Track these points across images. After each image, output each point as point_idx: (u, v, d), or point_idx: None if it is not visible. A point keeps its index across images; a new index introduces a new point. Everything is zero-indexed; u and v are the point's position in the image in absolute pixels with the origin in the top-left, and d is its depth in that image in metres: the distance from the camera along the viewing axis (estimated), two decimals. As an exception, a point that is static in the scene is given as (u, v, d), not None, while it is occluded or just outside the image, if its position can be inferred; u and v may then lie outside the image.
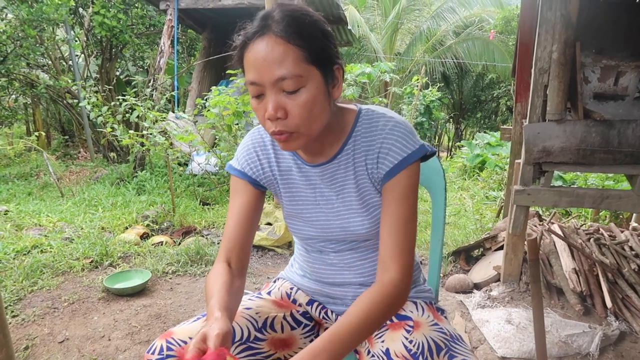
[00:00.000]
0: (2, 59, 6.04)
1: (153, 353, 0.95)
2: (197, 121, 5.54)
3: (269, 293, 1.22)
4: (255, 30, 0.86)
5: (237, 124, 4.64)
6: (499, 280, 2.77)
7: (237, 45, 0.90)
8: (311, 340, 1.14)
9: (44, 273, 2.95)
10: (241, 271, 1.04)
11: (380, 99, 6.50)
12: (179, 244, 3.55)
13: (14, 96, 8.43)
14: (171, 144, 4.51)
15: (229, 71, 0.90)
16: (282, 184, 1.09)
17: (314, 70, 0.87)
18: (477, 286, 2.81)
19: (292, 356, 0.94)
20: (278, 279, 1.29)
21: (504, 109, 13.78)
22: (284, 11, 0.87)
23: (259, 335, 1.07)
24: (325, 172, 1.04)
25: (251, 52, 0.86)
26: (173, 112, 6.26)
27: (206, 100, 4.60)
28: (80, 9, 7.67)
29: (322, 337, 0.83)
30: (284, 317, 1.14)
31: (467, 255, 3.22)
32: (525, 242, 2.66)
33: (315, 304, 1.19)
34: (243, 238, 1.05)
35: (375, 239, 1.07)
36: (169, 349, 0.95)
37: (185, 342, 0.96)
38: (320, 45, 0.88)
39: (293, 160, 1.07)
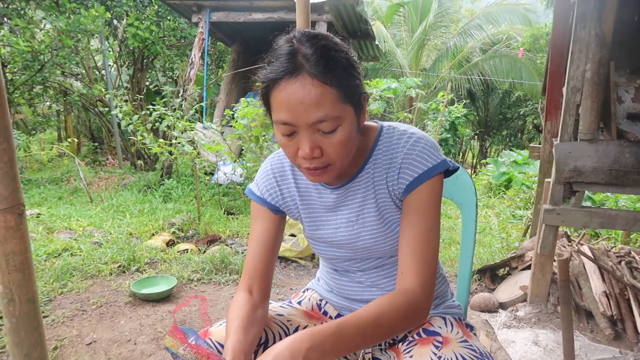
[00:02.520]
0: (39, 67, 6.26)
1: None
2: (224, 132, 5.63)
3: (299, 303, 1.23)
4: (286, 69, 0.82)
5: (264, 136, 4.70)
6: (525, 300, 2.72)
7: (263, 80, 0.86)
8: None
9: (73, 276, 3.03)
10: (263, 300, 1.05)
11: (406, 114, 6.50)
12: (204, 252, 3.59)
13: (48, 103, 8.72)
14: (198, 153, 4.59)
15: (257, 84, 0.92)
16: (302, 208, 1.09)
17: (348, 107, 0.86)
18: (503, 306, 2.76)
19: None
20: (307, 289, 1.30)
21: (531, 127, 13.58)
22: (316, 47, 0.83)
23: None
24: (345, 193, 1.04)
25: (284, 93, 0.82)
26: (201, 122, 6.38)
27: (234, 111, 4.68)
28: (115, 21, 7.93)
29: (328, 324, 0.80)
30: None
31: (493, 274, 3.17)
32: (555, 263, 2.61)
33: None
34: (264, 266, 1.05)
35: None
36: None
37: (222, 345, 0.96)
38: (354, 82, 0.87)
39: (313, 184, 1.07)
